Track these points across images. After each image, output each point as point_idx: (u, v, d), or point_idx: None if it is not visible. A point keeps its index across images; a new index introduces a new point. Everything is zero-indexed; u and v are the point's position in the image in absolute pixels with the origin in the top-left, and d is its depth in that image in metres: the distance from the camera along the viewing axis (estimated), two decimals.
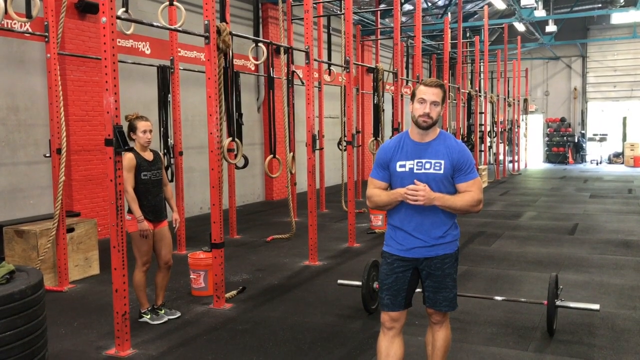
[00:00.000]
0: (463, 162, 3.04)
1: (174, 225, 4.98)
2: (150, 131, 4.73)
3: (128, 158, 4.54)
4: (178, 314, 4.98)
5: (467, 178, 3.04)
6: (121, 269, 4.16)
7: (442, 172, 3.01)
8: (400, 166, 3.07)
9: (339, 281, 5.33)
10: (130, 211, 4.61)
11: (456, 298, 3.18)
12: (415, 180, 2.99)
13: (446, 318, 3.23)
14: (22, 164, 7.70)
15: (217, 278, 5.20)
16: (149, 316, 4.83)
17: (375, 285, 4.98)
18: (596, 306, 4.40)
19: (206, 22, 5.10)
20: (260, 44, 7.58)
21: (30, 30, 6.85)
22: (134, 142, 4.69)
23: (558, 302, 4.37)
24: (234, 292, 5.58)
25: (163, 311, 4.93)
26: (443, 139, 3.10)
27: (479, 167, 15.51)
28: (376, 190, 3.16)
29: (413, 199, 2.94)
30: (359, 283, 4.96)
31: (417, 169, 3.03)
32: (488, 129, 17.99)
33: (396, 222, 3.13)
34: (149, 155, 4.76)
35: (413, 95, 3.07)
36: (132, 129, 4.69)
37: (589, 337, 4.37)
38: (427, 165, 3.03)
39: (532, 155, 23.96)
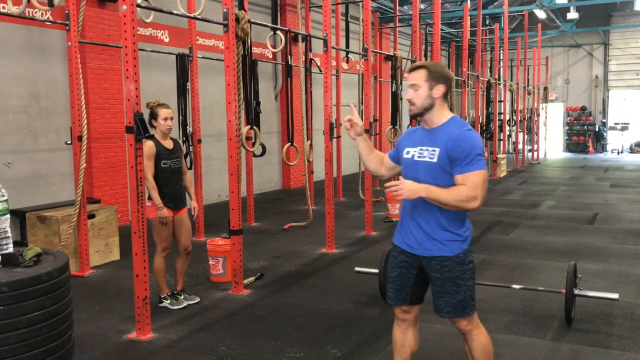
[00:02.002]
0: (459, 152, 2.74)
1: (193, 213, 5.03)
2: (172, 119, 4.77)
3: (148, 146, 4.59)
4: (197, 300, 5.05)
5: (463, 170, 2.74)
6: (142, 254, 4.23)
7: (435, 160, 2.79)
8: (406, 153, 2.96)
9: (356, 269, 5.36)
10: (150, 198, 4.67)
11: (463, 305, 2.85)
12: (400, 178, 2.86)
13: (473, 325, 2.93)
14: (43, 151, 7.81)
15: (236, 264, 5.26)
16: (168, 301, 4.90)
17: None
18: (615, 295, 4.37)
19: (225, 10, 5.12)
20: (278, 32, 7.59)
21: (51, 18, 6.92)
22: (154, 130, 4.72)
23: (576, 291, 4.36)
24: (252, 278, 5.64)
25: (182, 296, 5.00)
26: (448, 125, 2.85)
27: (498, 156, 15.38)
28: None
29: (395, 194, 2.76)
30: (376, 271, 4.99)
31: (417, 157, 2.88)
32: (507, 117, 17.83)
33: (402, 213, 3.00)
34: (169, 144, 4.80)
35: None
36: (154, 116, 4.72)
37: (607, 326, 4.35)
38: (425, 153, 2.85)
39: (551, 144, 23.68)
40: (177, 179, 4.83)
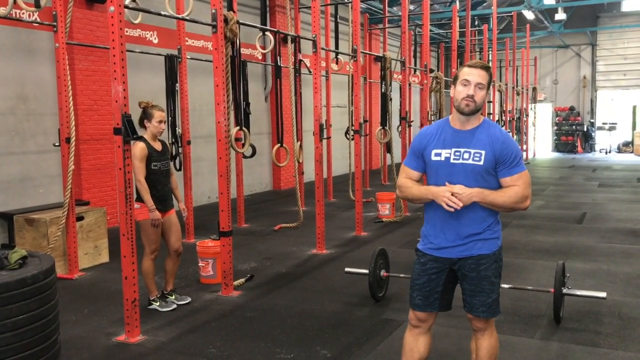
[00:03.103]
0: (507, 154, 2.76)
1: (183, 215, 5.01)
2: (165, 122, 4.78)
3: (140, 148, 4.58)
4: (188, 300, 5.06)
5: (512, 172, 2.76)
6: (130, 256, 4.20)
7: (481, 163, 2.75)
8: (436, 155, 2.83)
9: (346, 269, 5.36)
10: (138, 200, 4.64)
11: (497, 303, 2.92)
12: (446, 183, 2.76)
13: (489, 325, 2.98)
14: (31, 153, 7.75)
15: (226, 266, 5.25)
16: (157, 303, 4.88)
17: (383, 273, 5.02)
18: (603, 294, 4.41)
19: (213, 11, 5.11)
20: (267, 33, 7.58)
21: (38, 20, 6.87)
22: (144, 131, 4.71)
23: (565, 290, 4.39)
24: (242, 279, 5.63)
25: (173, 297, 5.01)
26: (486, 127, 2.82)
27: None
28: (408, 181, 2.93)
29: (452, 206, 2.71)
30: (366, 271, 4.99)
31: (454, 159, 2.79)
32: (496, 118, 17.91)
33: (430, 217, 2.92)
34: (158, 146, 4.79)
35: (455, 78, 2.84)
36: (148, 116, 4.70)
37: (595, 324, 4.38)
38: (466, 155, 2.77)
39: (540, 144, 23.84)
40: (166, 181, 4.84)
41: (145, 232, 4.73)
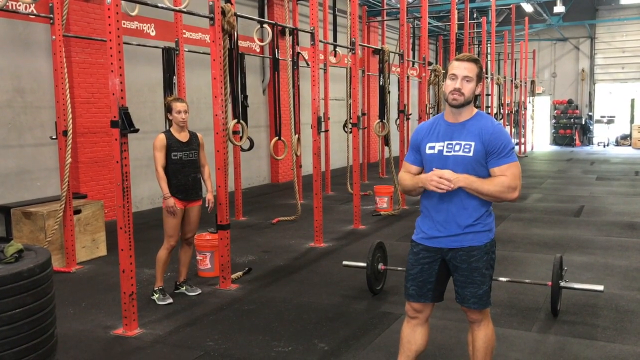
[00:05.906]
0: (496, 145, 2.78)
1: (207, 205, 5.00)
2: (185, 112, 4.84)
3: (159, 138, 4.76)
4: (199, 291, 5.13)
5: (500, 162, 2.79)
6: (128, 249, 4.20)
7: (471, 154, 2.78)
8: (430, 148, 2.88)
9: (344, 262, 5.36)
10: None
11: (487, 295, 2.92)
12: (434, 169, 2.80)
13: (484, 317, 2.99)
14: (28, 146, 7.73)
15: (223, 259, 5.25)
16: (157, 296, 4.90)
17: (380, 266, 5.02)
18: (600, 287, 4.41)
19: (211, 3, 5.08)
20: (265, 25, 7.55)
21: (35, 12, 6.83)
22: (170, 123, 4.90)
23: (562, 283, 4.39)
24: (240, 273, 5.63)
25: (184, 287, 5.10)
26: (478, 119, 2.86)
27: None
28: (405, 175, 3.00)
29: (439, 186, 2.75)
30: (363, 264, 4.99)
31: (446, 151, 2.83)
32: (495, 111, 17.89)
33: (424, 208, 2.96)
34: (184, 137, 4.87)
35: (446, 73, 2.88)
36: (169, 109, 4.85)
37: (592, 317, 4.39)
38: (457, 147, 2.81)
39: (538, 137, 23.84)
40: (188, 171, 4.87)
41: (163, 219, 4.82)
